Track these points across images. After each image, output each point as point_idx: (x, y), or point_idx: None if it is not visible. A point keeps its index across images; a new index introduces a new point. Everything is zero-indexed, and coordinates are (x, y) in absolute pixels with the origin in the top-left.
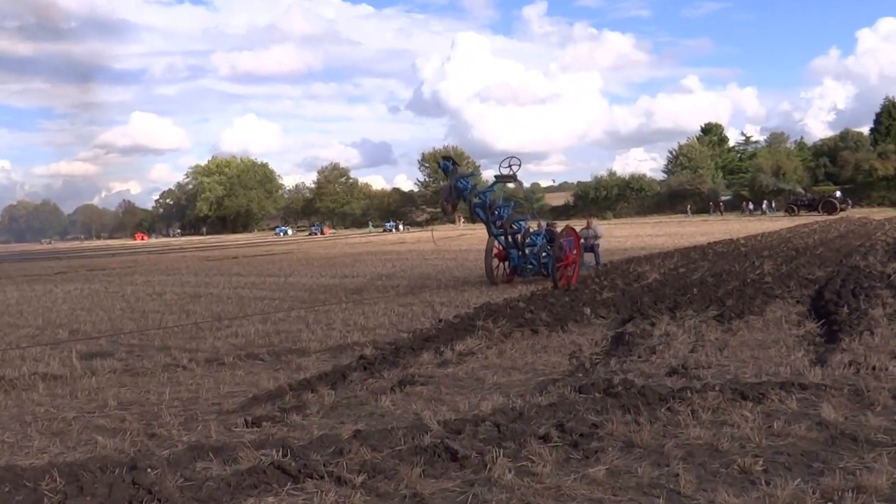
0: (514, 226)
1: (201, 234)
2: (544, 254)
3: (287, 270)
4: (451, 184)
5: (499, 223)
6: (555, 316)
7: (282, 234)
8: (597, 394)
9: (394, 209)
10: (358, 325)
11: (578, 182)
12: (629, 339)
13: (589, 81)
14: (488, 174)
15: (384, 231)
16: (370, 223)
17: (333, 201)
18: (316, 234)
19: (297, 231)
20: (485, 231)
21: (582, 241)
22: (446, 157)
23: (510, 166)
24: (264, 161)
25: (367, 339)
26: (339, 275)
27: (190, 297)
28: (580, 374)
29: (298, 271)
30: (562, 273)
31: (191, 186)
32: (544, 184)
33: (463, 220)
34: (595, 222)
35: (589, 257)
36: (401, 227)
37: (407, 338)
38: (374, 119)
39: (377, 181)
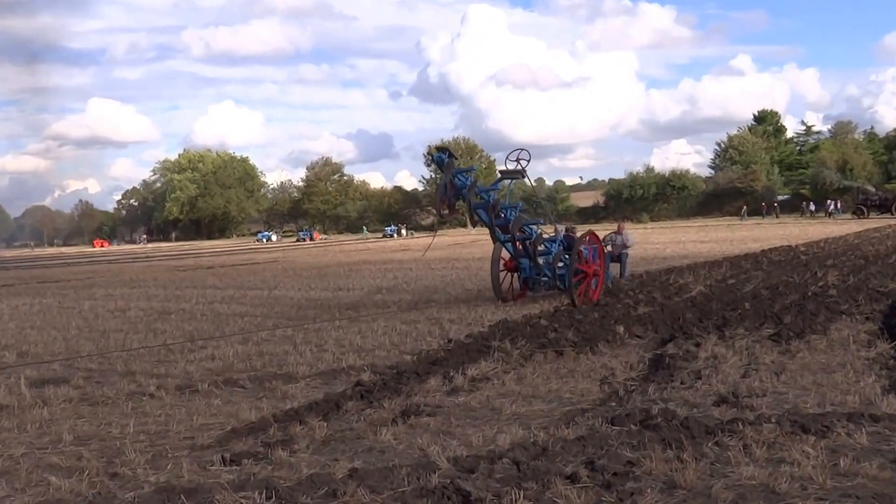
0: (523, 230)
1: (171, 241)
2: (560, 264)
3: (271, 282)
4: (446, 180)
5: (509, 226)
6: (583, 335)
7: (265, 240)
8: (632, 426)
9: (395, 211)
10: (354, 346)
11: (610, 179)
12: (670, 361)
13: (623, 62)
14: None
15: (384, 237)
16: (364, 228)
17: (325, 202)
18: (304, 240)
19: (283, 237)
20: None
21: (608, 248)
22: (441, 149)
23: (517, 160)
24: (244, 155)
25: (364, 363)
26: (332, 287)
27: (158, 314)
28: (613, 403)
29: (284, 283)
30: (582, 287)
31: (159, 185)
32: (570, 181)
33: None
34: (626, 228)
35: (615, 268)
36: (403, 231)
37: (411, 361)
38: (373, 107)
39: (376, 179)
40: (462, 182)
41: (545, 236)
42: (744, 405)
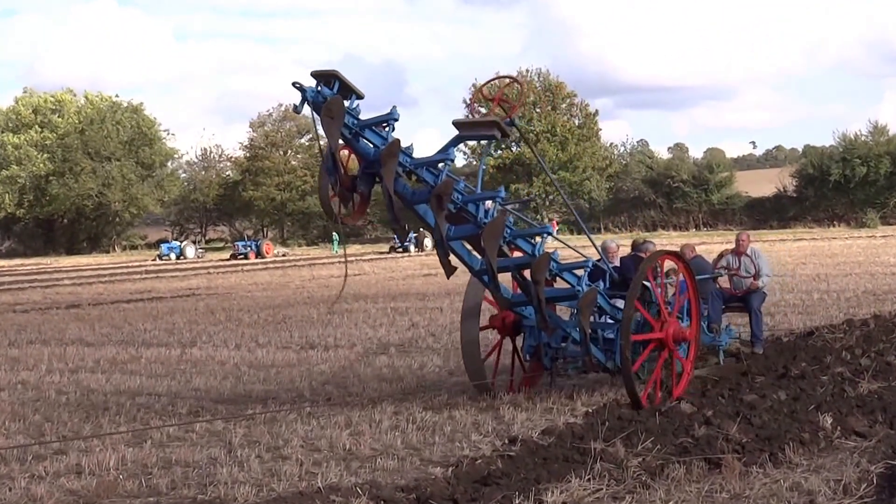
0: (514, 245)
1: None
2: (608, 318)
3: (186, 333)
4: (334, 146)
5: (481, 238)
6: (757, 433)
7: (174, 255)
8: None
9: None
10: (338, 452)
11: (806, 147)
12: None
13: None
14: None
15: (394, 249)
16: (335, 237)
17: (284, 187)
18: (247, 254)
19: (206, 250)
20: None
21: (720, 281)
22: (323, 76)
23: (499, 101)
24: (136, 102)
25: (357, 480)
26: (298, 343)
27: None
28: None
29: (210, 335)
30: (656, 369)
31: None
32: (734, 150)
33: (557, 225)
34: (748, 241)
35: (734, 320)
36: (428, 241)
37: (443, 477)
38: (371, 14)
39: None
40: (374, 146)
41: (562, 260)
42: None
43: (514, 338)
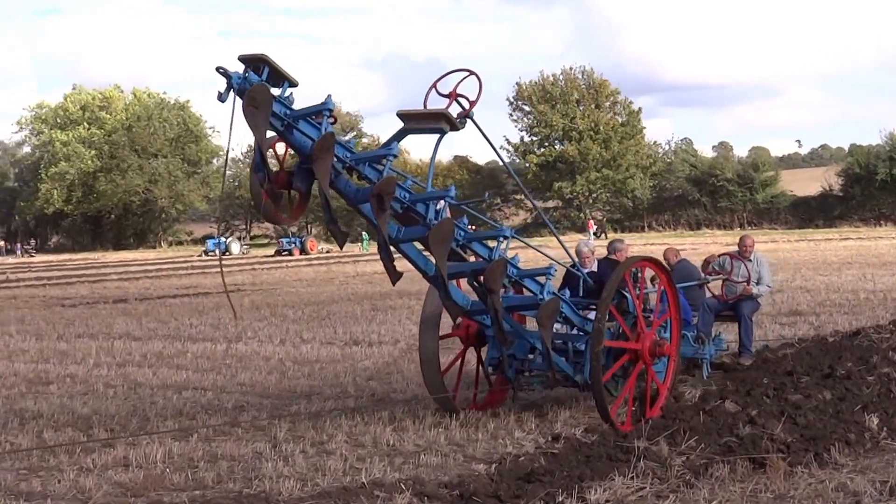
0: (468, 248)
1: (47, 252)
2: (575, 330)
3: (230, 329)
4: (260, 139)
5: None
6: (802, 433)
7: (219, 250)
8: None
9: (457, 199)
10: (382, 447)
11: (852, 146)
12: None
13: None
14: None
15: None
16: (364, 235)
17: None
18: (291, 251)
19: (250, 246)
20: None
21: (712, 289)
22: (251, 60)
23: (453, 96)
24: (182, 99)
25: (401, 476)
26: (342, 339)
27: (27, 385)
28: None
29: (254, 331)
30: (628, 384)
31: (27, 151)
32: (779, 149)
33: (594, 224)
34: (753, 245)
35: (724, 329)
36: None
37: (486, 474)
38: (414, 13)
39: (420, 143)
40: (311, 139)
41: (517, 266)
42: None
43: (478, 348)
